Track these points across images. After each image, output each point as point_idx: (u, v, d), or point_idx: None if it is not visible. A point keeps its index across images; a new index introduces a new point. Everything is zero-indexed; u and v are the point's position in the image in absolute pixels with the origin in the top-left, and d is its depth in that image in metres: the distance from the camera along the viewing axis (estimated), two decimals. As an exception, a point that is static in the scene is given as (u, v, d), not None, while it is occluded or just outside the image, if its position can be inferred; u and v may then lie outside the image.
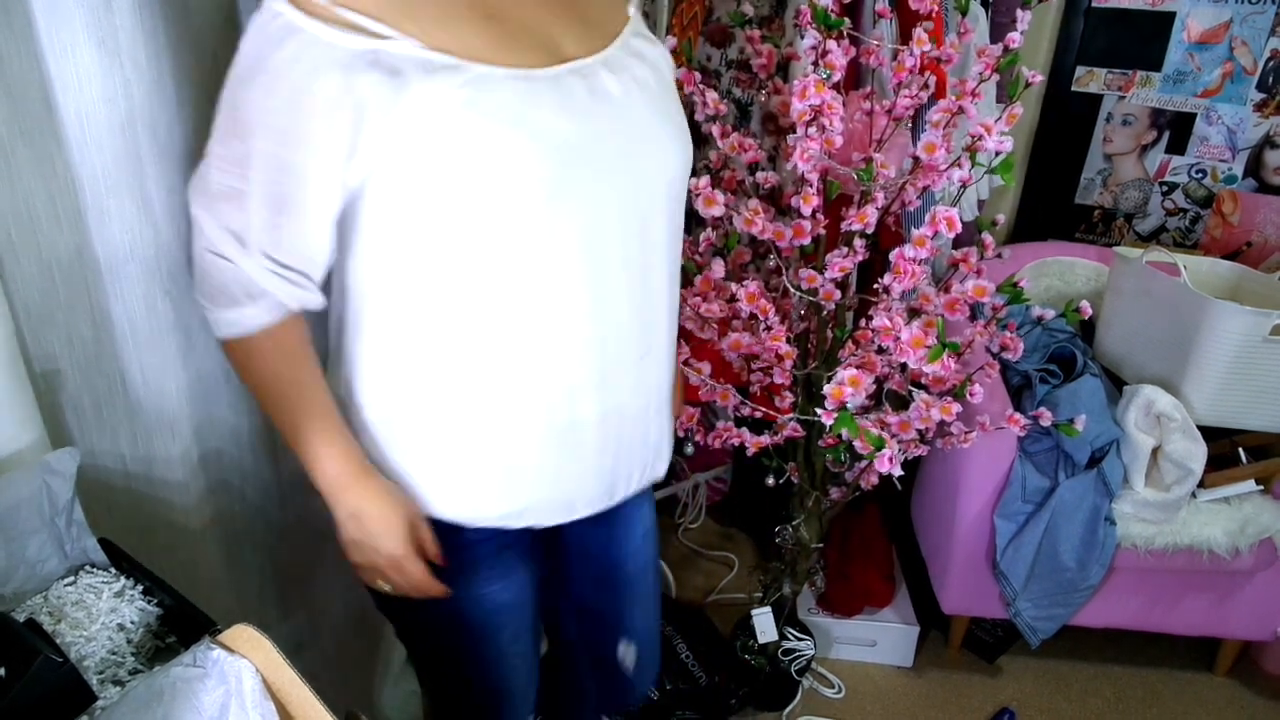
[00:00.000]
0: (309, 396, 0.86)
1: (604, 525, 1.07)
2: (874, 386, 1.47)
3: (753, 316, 1.54)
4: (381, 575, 0.92)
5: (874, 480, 1.67)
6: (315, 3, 0.71)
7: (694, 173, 1.00)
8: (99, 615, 0.81)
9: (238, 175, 0.75)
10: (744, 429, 1.68)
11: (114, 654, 0.79)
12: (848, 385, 1.36)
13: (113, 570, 0.87)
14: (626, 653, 1.21)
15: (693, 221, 1.21)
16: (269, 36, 0.72)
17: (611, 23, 0.89)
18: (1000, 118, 1.35)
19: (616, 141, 0.83)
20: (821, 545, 1.88)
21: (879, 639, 2.00)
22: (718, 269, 1.47)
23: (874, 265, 1.71)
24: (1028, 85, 1.32)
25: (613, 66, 0.84)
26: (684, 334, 1.51)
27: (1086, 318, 1.47)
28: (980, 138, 1.35)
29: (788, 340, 1.60)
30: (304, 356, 0.85)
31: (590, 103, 0.81)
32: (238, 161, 0.75)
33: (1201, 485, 1.76)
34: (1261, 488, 1.79)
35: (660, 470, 1.06)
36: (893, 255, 1.43)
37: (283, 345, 0.84)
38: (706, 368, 1.59)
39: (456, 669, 1.07)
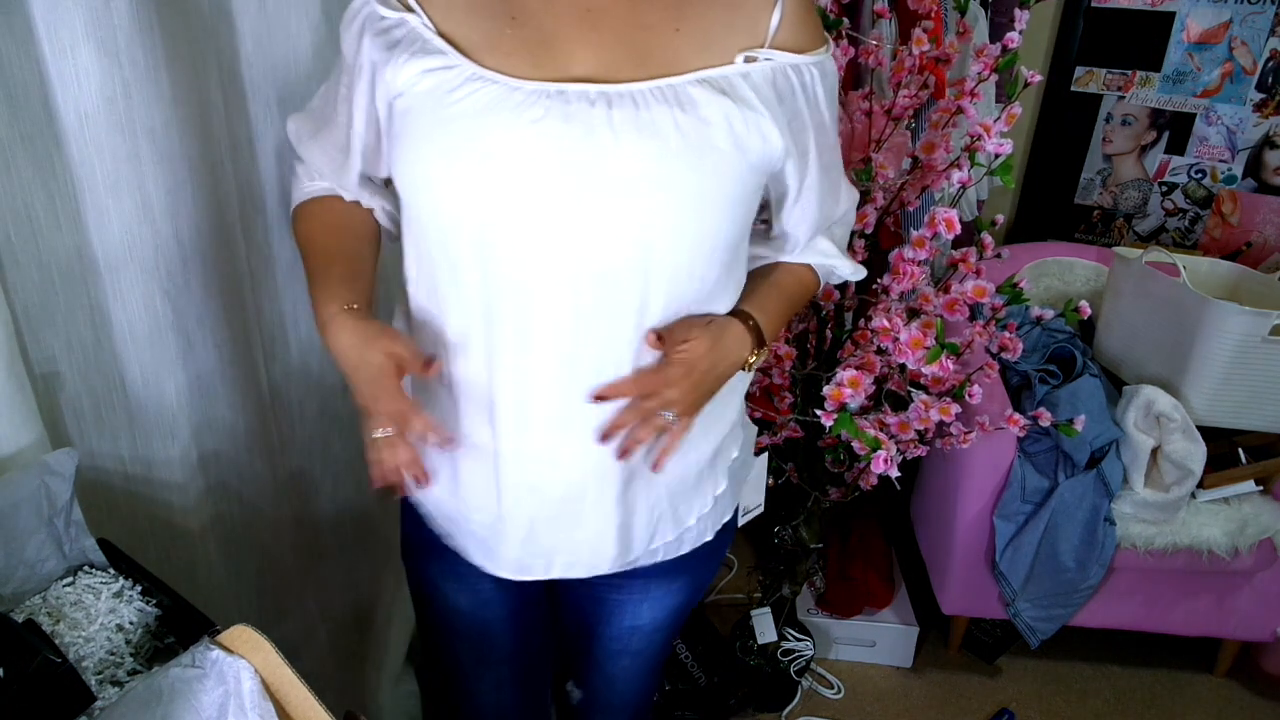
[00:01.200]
0: (325, 252, 0.92)
1: (601, 587, 1.02)
2: (873, 387, 1.46)
3: (752, 317, 1.53)
4: (368, 411, 0.83)
5: (873, 481, 1.67)
6: None
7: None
8: (98, 616, 0.81)
9: (327, 106, 0.90)
10: (743, 429, 1.68)
11: (113, 654, 0.79)
12: (847, 386, 1.36)
13: (111, 571, 0.87)
14: (573, 692, 1.19)
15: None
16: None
17: (675, 61, 0.78)
18: (999, 118, 1.35)
19: (570, 174, 0.75)
20: (821, 546, 1.88)
21: (878, 639, 2.00)
22: (717, 269, 1.47)
23: (873, 266, 1.71)
24: (1027, 85, 1.32)
25: (622, 102, 0.75)
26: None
27: (1086, 318, 1.47)
28: (979, 138, 1.35)
29: (787, 341, 1.60)
30: (334, 227, 0.93)
31: (559, 127, 0.74)
32: (331, 97, 0.89)
33: (1201, 485, 1.76)
34: (1261, 488, 1.79)
35: (600, 565, 0.94)
36: (892, 256, 1.43)
37: (319, 216, 0.92)
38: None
39: (437, 667, 1.13)
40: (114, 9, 0.84)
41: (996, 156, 1.37)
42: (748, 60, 0.79)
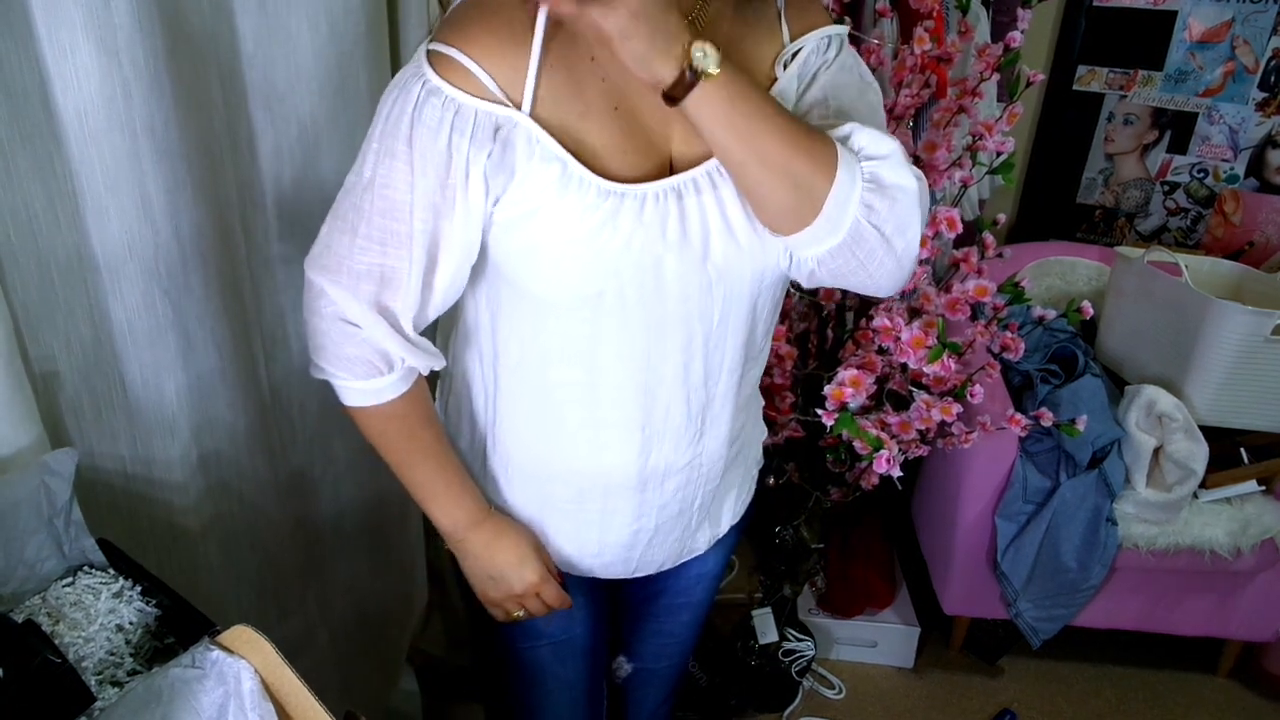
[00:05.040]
0: (436, 453, 0.89)
1: None
2: (874, 387, 1.46)
3: (753, 316, 1.53)
4: (517, 603, 0.94)
5: (874, 481, 1.66)
6: (458, 68, 0.72)
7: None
8: (97, 616, 0.81)
9: (396, 255, 0.76)
10: (744, 429, 1.67)
11: (112, 655, 0.79)
12: (848, 386, 1.36)
13: (111, 571, 0.87)
14: (621, 667, 1.21)
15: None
16: (413, 100, 0.73)
17: None
18: (1001, 117, 1.35)
19: (690, 270, 0.80)
20: (822, 546, 1.88)
21: (880, 640, 2.00)
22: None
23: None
24: (1029, 84, 1.32)
25: (725, 180, 0.79)
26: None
27: (1088, 318, 1.47)
28: (981, 137, 1.35)
29: (788, 340, 1.60)
30: (431, 416, 0.88)
31: (675, 228, 0.78)
32: (396, 241, 0.76)
33: (1203, 485, 1.75)
34: (1263, 488, 1.78)
35: (700, 547, 1.05)
36: (893, 255, 1.42)
37: (414, 409, 0.86)
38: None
39: (505, 687, 1.11)
40: (113, 8, 0.84)
41: (998, 155, 1.37)
42: (785, 66, 0.83)
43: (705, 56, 0.69)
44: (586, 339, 0.82)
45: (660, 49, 0.68)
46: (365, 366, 0.80)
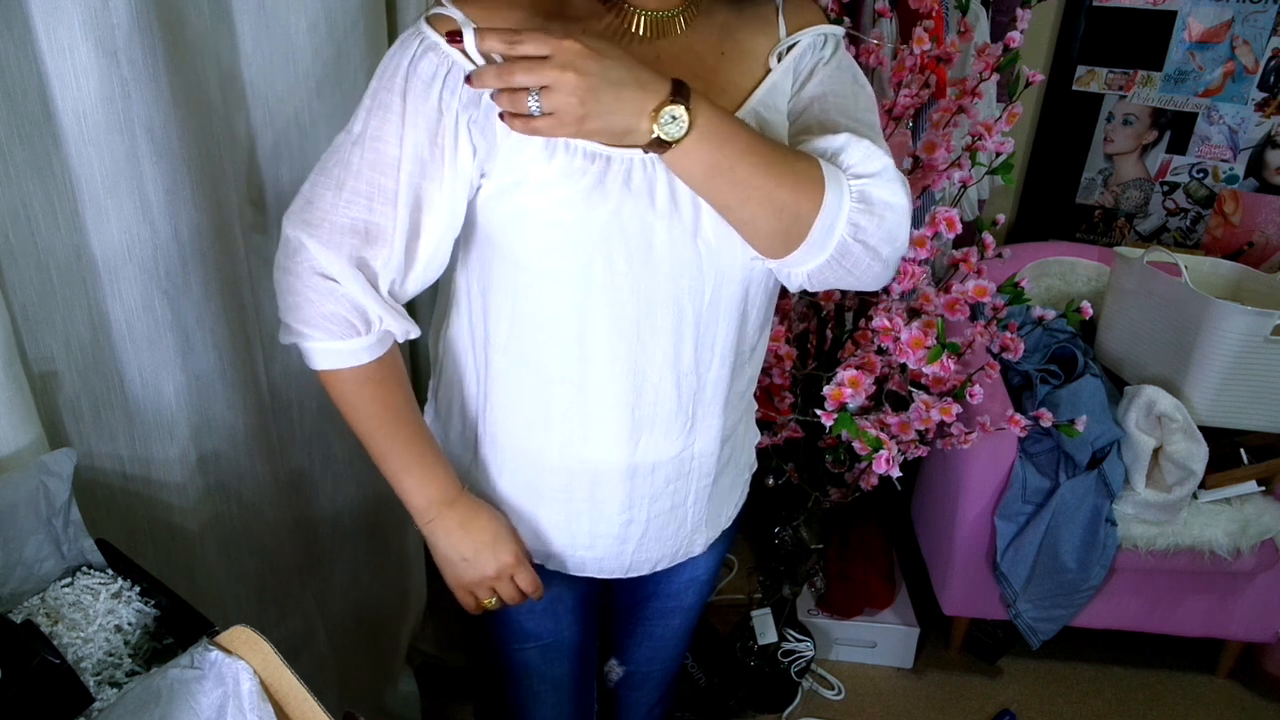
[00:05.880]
0: (410, 423, 0.87)
1: None
2: (874, 387, 1.46)
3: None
4: (489, 588, 0.92)
5: (873, 481, 1.66)
6: (456, 27, 0.73)
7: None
8: (96, 616, 0.81)
9: (381, 211, 0.76)
10: (744, 429, 1.67)
11: (111, 655, 0.79)
12: (847, 386, 1.36)
13: (110, 571, 0.87)
14: (613, 671, 1.21)
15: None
16: (410, 55, 0.74)
17: (727, 85, 0.83)
18: (1000, 117, 1.35)
19: (681, 242, 0.79)
20: (821, 546, 1.88)
21: (879, 640, 2.00)
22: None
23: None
24: (1028, 84, 1.32)
25: None
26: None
27: (1088, 318, 1.47)
28: (980, 137, 1.35)
29: (787, 341, 1.60)
30: (404, 383, 0.87)
31: (664, 195, 0.78)
32: (383, 197, 0.76)
33: (1203, 486, 1.75)
34: (1263, 488, 1.78)
35: (695, 549, 1.03)
36: (893, 255, 1.42)
37: (389, 375, 0.84)
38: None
39: (494, 689, 1.10)
40: (112, 8, 0.84)
41: (998, 155, 1.37)
42: (779, 59, 0.85)
43: (674, 121, 0.70)
44: (577, 314, 0.82)
45: (626, 126, 0.70)
46: (342, 325, 0.79)
